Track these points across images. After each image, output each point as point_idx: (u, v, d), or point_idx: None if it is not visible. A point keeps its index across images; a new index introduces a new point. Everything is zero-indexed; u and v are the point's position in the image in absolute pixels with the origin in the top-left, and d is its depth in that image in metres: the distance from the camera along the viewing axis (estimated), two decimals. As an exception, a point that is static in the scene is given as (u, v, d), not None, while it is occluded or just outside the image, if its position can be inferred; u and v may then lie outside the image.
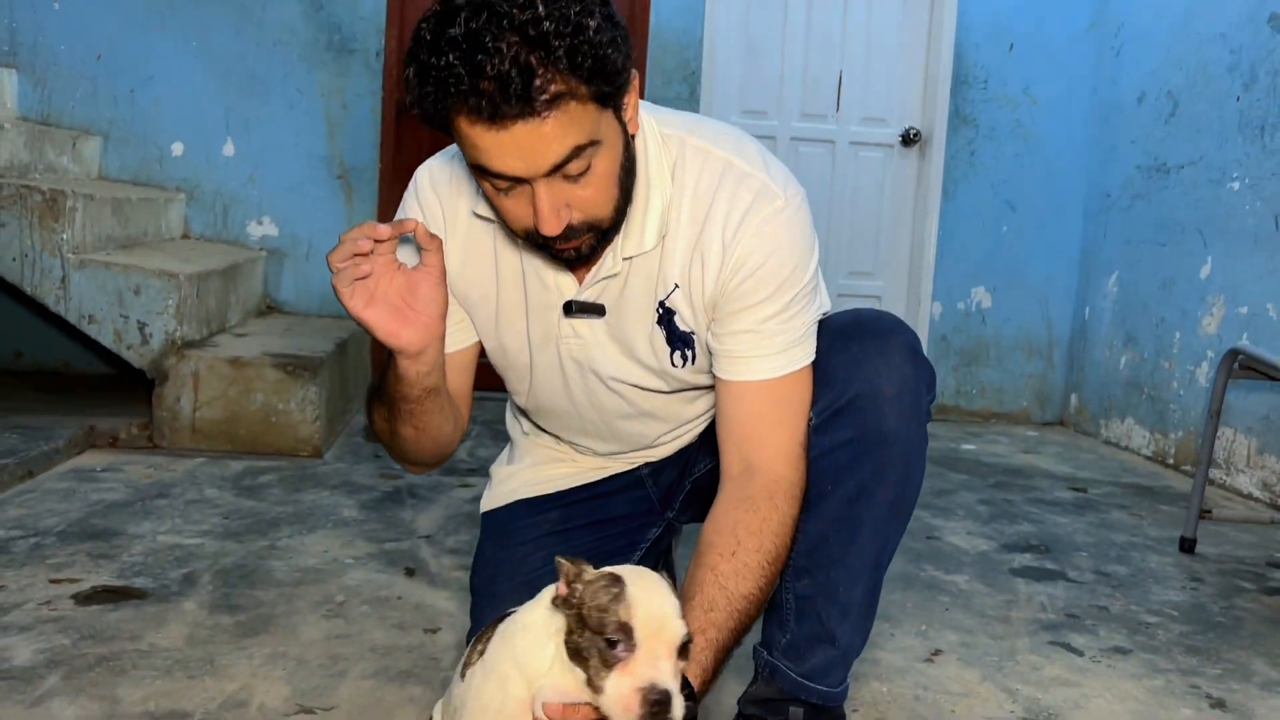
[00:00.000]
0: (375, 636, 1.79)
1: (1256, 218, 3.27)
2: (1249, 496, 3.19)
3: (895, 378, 1.25)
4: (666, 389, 1.37)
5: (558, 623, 1.02)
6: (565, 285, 1.30)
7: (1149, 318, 3.80)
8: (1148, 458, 3.75)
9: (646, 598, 0.98)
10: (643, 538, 1.54)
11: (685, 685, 1.03)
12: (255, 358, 2.99)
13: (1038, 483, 3.28)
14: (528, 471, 1.53)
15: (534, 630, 1.05)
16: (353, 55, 3.90)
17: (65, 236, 2.87)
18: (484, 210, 1.29)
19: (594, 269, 1.28)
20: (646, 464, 1.52)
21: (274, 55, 3.86)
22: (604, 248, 1.24)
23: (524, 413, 1.51)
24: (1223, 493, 3.26)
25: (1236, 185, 3.37)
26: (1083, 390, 4.23)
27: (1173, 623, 2.10)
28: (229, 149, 3.88)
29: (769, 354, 1.26)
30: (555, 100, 1.04)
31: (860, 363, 1.26)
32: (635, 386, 1.37)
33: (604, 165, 1.13)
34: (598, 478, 1.52)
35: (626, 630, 0.96)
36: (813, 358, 1.29)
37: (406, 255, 1.28)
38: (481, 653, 1.10)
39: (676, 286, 1.28)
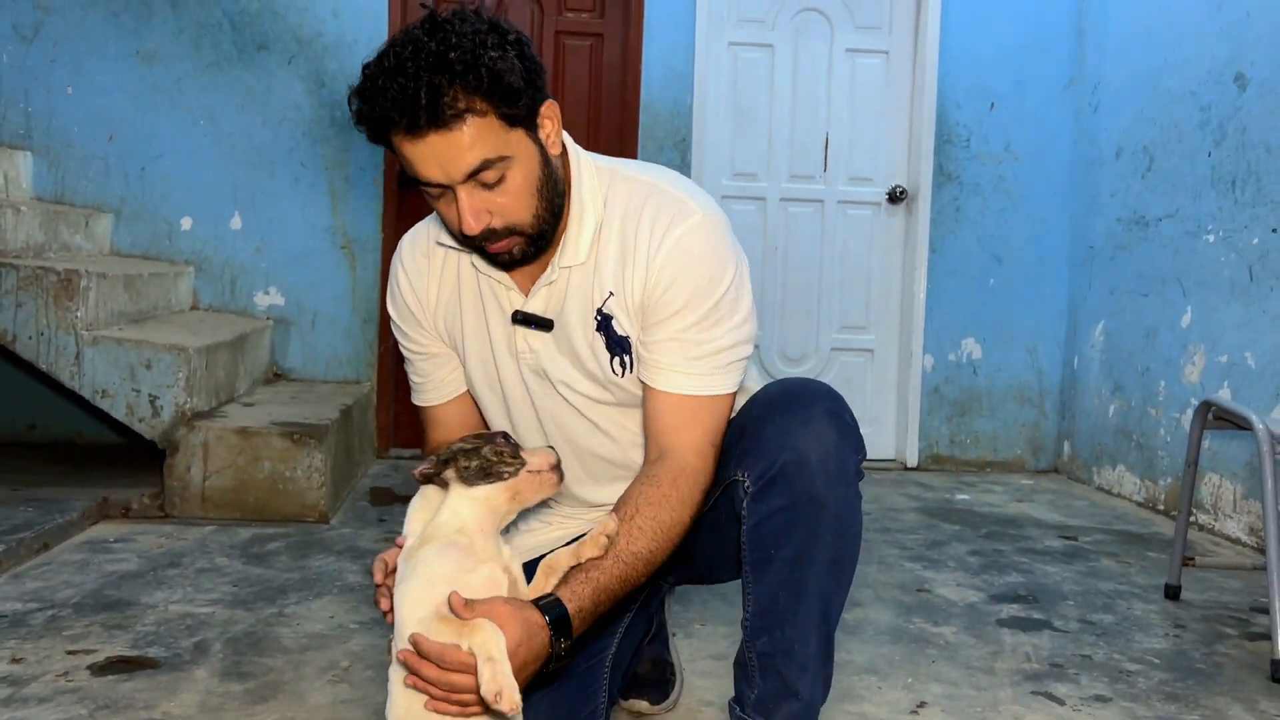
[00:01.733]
0: (379, 700, 1.85)
1: (1232, 269, 3.36)
2: (1237, 541, 3.25)
3: (819, 444, 1.37)
4: (612, 399, 1.52)
5: (459, 507, 1.30)
6: (515, 299, 1.50)
7: (1134, 367, 3.89)
8: (1139, 504, 3.81)
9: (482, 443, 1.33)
10: (631, 600, 1.62)
11: (560, 610, 1.25)
12: (263, 427, 3.09)
13: (1029, 532, 3.35)
14: (526, 528, 1.63)
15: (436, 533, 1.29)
16: (355, 130, 4.02)
17: (79, 314, 2.98)
18: (445, 238, 1.50)
19: (538, 280, 1.47)
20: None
21: (279, 131, 4.01)
22: (538, 256, 1.43)
23: None
24: (1211, 538, 3.32)
25: (1212, 238, 3.47)
26: (1074, 438, 4.31)
27: (1154, 670, 2.16)
28: (236, 222, 4.01)
29: (692, 371, 1.43)
30: (461, 115, 1.26)
31: (787, 432, 1.38)
32: (584, 396, 1.52)
33: (519, 177, 1.34)
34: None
35: (502, 434, 1.35)
36: (735, 390, 1.46)
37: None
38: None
39: (611, 293, 1.46)
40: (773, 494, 1.37)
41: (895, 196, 4.37)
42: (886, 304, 4.43)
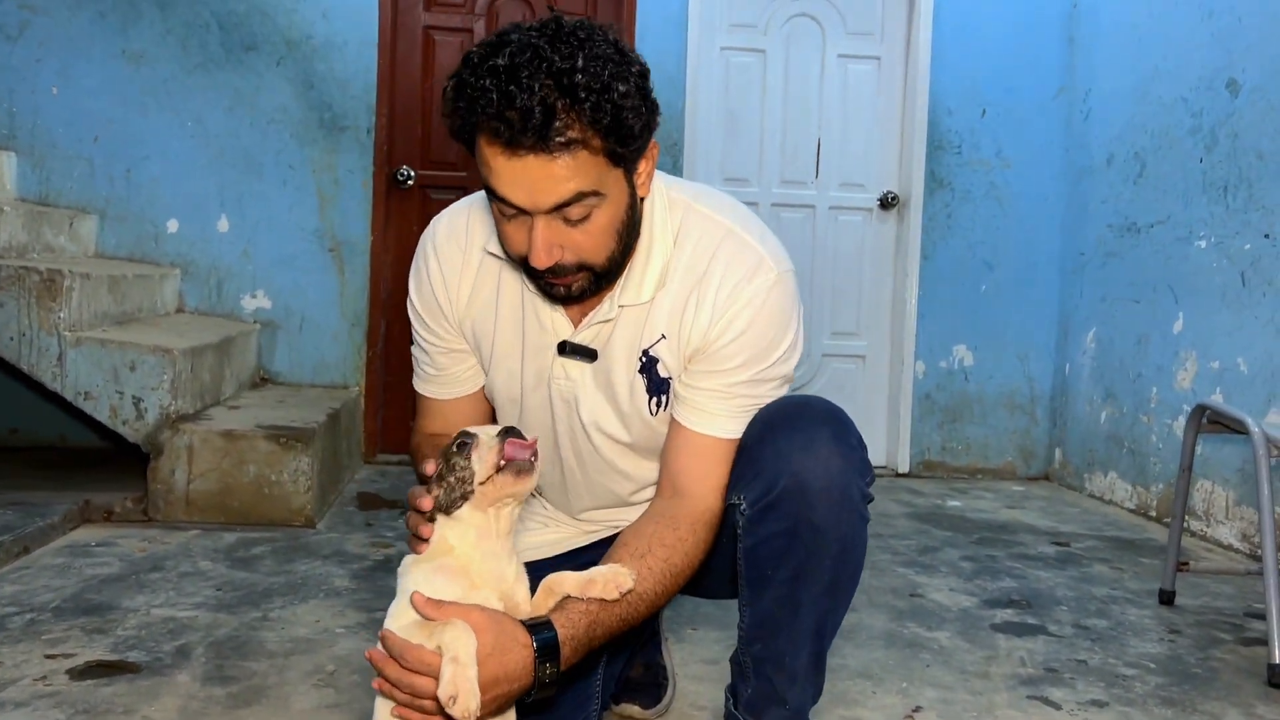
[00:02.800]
0: (365, 705, 1.82)
1: (1223, 275, 3.36)
2: (1229, 548, 3.24)
3: (821, 471, 1.31)
4: (630, 441, 1.46)
5: (451, 532, 1.26)
6: (561, 326, 1.41)
7: (1126, 373, 3.88)
8: (1131, 511, 3.80)
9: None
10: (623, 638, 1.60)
11: (550, 634, 1.20)
12: (248, 430, 3.05)
13: (1021, 538, 3.33)
14: (525, 538, 1.59)
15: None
16: (344, 132, 4.01)
17: (62, 315, 2.94)
18: (495, 247, 1.40)
19: (591, 313, 1.39)
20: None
21: (267, 133, 3.97)
22: (597, 293, 1.34)
23: None
24: (1204, 544, 3.31)
25: (1203, 243, 3.47)
26: (1066, 445, 4.29)
27: (1150, 675, 2.13)
28: (223, 225, 3.97)
29: (725, 416, 1.37)
30: (569, 144, 1.16)
31: (787, 457, 1.32)
32: (607, 435, 1.45)
33: (605, 217, 1.25)
34: (580, 544, 1.58)
35: (459, 442, 1.26)
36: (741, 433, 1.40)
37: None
38: None
39: (663, 337, 1.38)
40: (770, 519, 1.33)
41: (887, 202, 4.36)
42: (878, 310, 4.42)
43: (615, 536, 1.57)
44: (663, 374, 1.40)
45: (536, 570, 1.55)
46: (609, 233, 1.26)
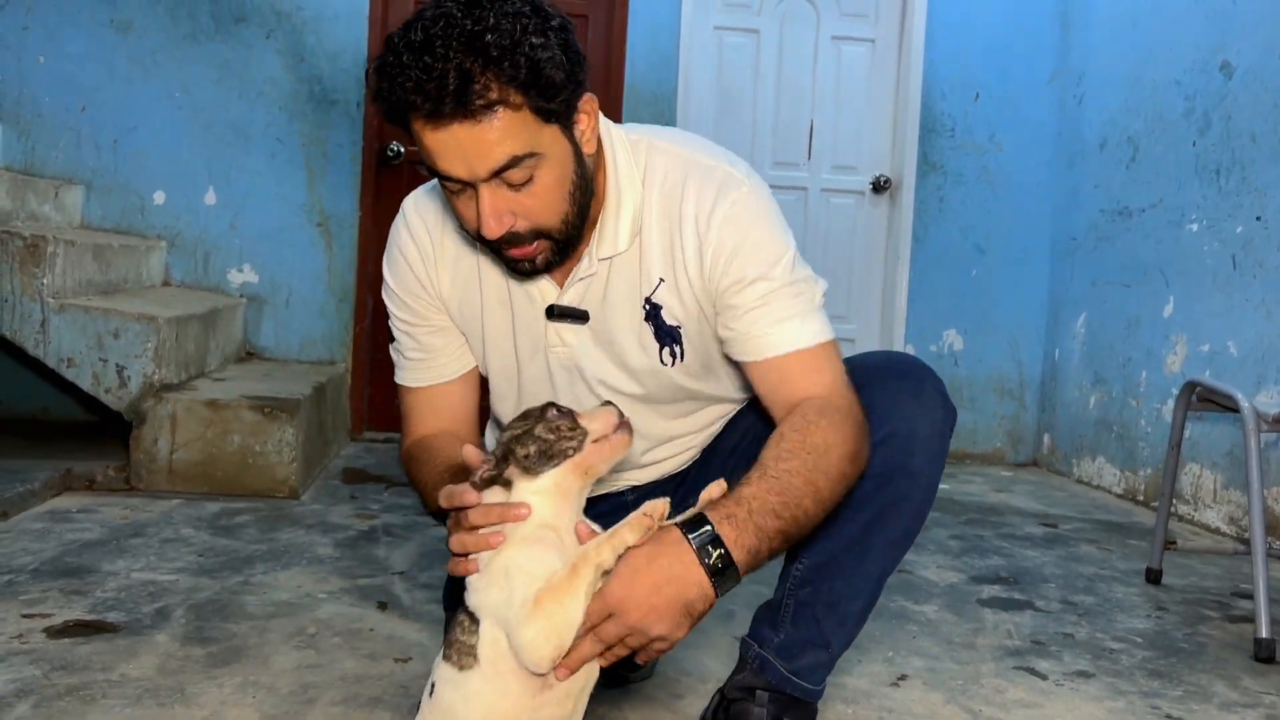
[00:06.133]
0: (346, 666, 1.80)
1: (1214, 258, 3.35)
2: (1217, 531, 3.24)
3: (929, 419, 1.33)
4: (642, 393, 1.42)
5: (536, 499, 1.19)
6: (548, 292, 1.38)
7: (1116, 357, 3.87)
8: (1119, 495, 3.80)
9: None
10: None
11: (707, 530, 1.15)
12: (233, 400, 3.02)
13: (1009, 519, 3.32)
14: None
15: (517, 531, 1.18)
16: (333, 106, 3.98)
17: (45, 281, 2.91)
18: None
19: (572, 272, 1.35)
20: (632, 488, 1.56)
21: (256, 106, 3.94)
22: (563, 261, 1.31)
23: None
24: (1191, 528, 3.31)
25: (1195, 227, 3.46)
26: (1054, 430, 4.29)
27: (1136, 648, 2.13)
28: (210, 198, 3.93)
29: (783, 325, 1.30)
30: (491, 106, 1.14)
31: (898, 402, 1.33)
32: (618, 391, 1.42)
33: (550, 177, 1.21)
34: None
35: (548, 403, 1.22)
36: (833, 336, 1.34)
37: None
38: (463, 640, 1.19)
39: (661, 280, 1.35)
40: (873, 458, 1.30)
41: (879, 186, 4.34)
42: (868, 294, 4.41)
43: (616, 495, 1.55)
44: (670, 321, 1.36)
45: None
46: (557, 193, 1.23)
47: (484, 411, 1.58)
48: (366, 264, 3.99)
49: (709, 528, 1.15)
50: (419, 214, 1.44)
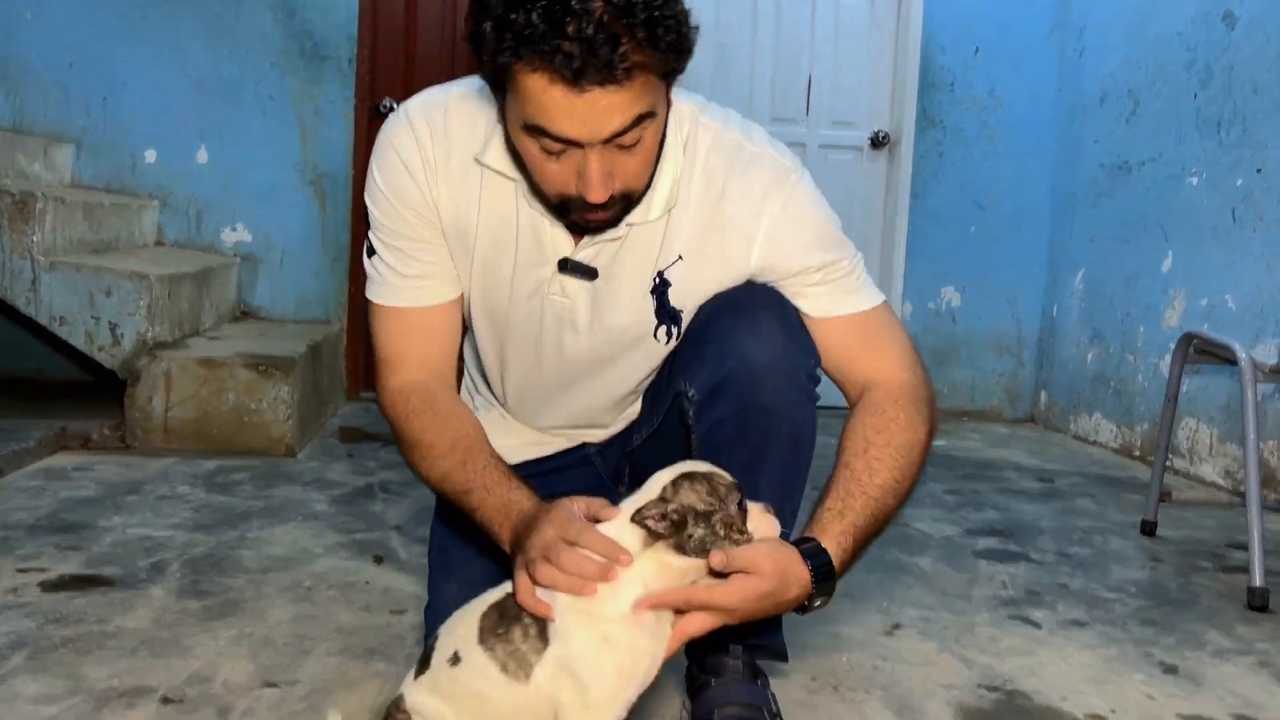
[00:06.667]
0: (342, 618, 1.81)
1: (1214, 211, 3.33)
2: (1212, 485, 3.24)
3: (768, 351, 1.28)
4: (631, 363, 1.40)
5: (648, 570, 1.09)
6: (561, 243, 1.32)
7: (1114, 313, 3.86)
8: (1114, 450, 3.80)
9: (712, 468, 1.14)
10: None
11: (825, 562, 1.16)
12: (228, 358, 3.01)
13: (1005, 474, 3.33)
14: None
15: (621, 597, 1.08)
16: (325, 62, 3.93)
17: (35, 239, 2.89)
18: (492, 160, 1.28)
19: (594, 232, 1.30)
20: (588, 444, 1.55)
21: (247, 63, 3.89)
22: (620, 220, 1.26)
23: (485, 380, 1.53)
24: (1186, 482, 3.31)
25: (1195, 180, 3.43)
26: (1051, 387, 4.29)
27: (1130, 598, 2.13)
28: (202, 156, 3.90)
29: (848, 292, 1.34)
30: (632, 71, 1.06)
31: (733, 339, 1.29)
32: (600, 354, 1.40)
33: (652, 139, 1.17)
34: (545, 453, 1.54)
35: (738, 488, 1.13)
36: (882, 299, 1.38)
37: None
38: (521, 650, 1.10)
39: (680, 258, 1.32)
40: (720, 403, 1.30)
41: (878, 141, 4.30)
42: (867, 251, 4.28)
43: (576, 450, 1.54)
44: (674, 304, 1.34)
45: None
46: (652, 153, 1.19)
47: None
48: (360, 222, 3.96)
49: (825, 560, 1.17)
50: (425, 119, 1.32)
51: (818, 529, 1.21)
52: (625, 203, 1.22)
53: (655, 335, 1.37)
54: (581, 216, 1.22)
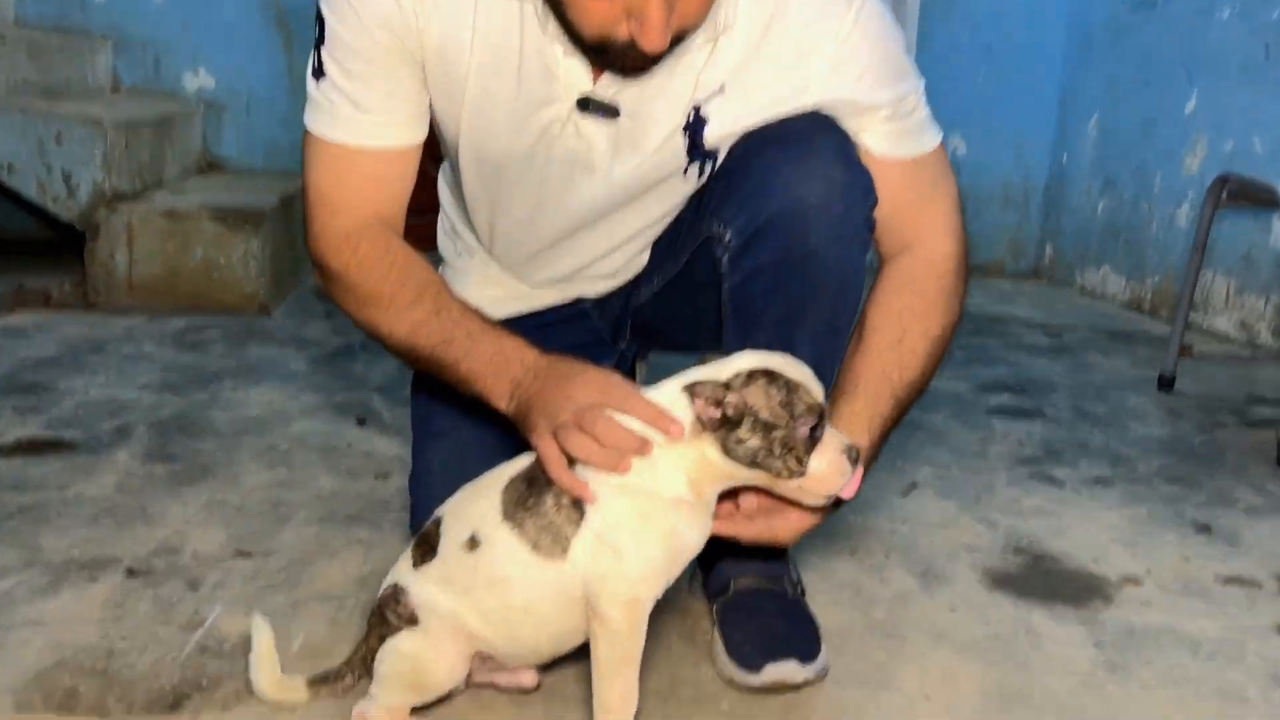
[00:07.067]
0: (321, 483, 1.69)
1: (1245, 48, 3.11)
2: (1227, 337, 3.13)
3: (822, 189, 1.10)
4: (643, 204, 1.23)
5: (690, 456, 0.95)
6: (578, 76, 1.11)
7: (1129, 160, 3.67)
8: (1123, 305, 3.67)
9: (805, 375, 0.97)
10: None
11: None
12: (193, 210, 2.82)
13: (1013, 329, 3.20)
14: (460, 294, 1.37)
15: (660, 477, 0.96)
16: (285, -114, 3.60)
17: (-25, 80, 2.65)
18: None
19: None
20: (584, 300, 1.39)
21: (200, -114, 3.55)
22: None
23: (468, 222, 1.37)
24: (1200, 336, 3.19)
25: (1226, 13, 3.20)
26: (1059, 239, 4.13)
27: (1153, 455, 2.03)
28: (156, -8, 3.60)
29: (911, 133, 1.18)
30: None
31: (779, 171, 1.11)
32: (616, 197, 1.21)
33: None
34: (536, 308, 1.38)
35: (821, 412, 0.95)
36: (941, 136, 1.23)
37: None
38: (555, 523, 0.97)
39: (722, 89, 1.12)
40: (761, 248, 1.13)
41: (883, -24, 4.01)
42: (869, 96, 4.14)
43: (571, 305, 1.38)
44: (708, 144, 1.15)
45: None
46: None
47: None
48: (332, 66, 3.69)
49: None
50: None
51: (845, 430, 1.05)
52: (676, 42, 1.03)
53: (685, 172, 1.19)
54: (623, 61, 1.03)
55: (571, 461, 0.97)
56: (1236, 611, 1.39)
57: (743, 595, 1.20)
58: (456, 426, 1.30)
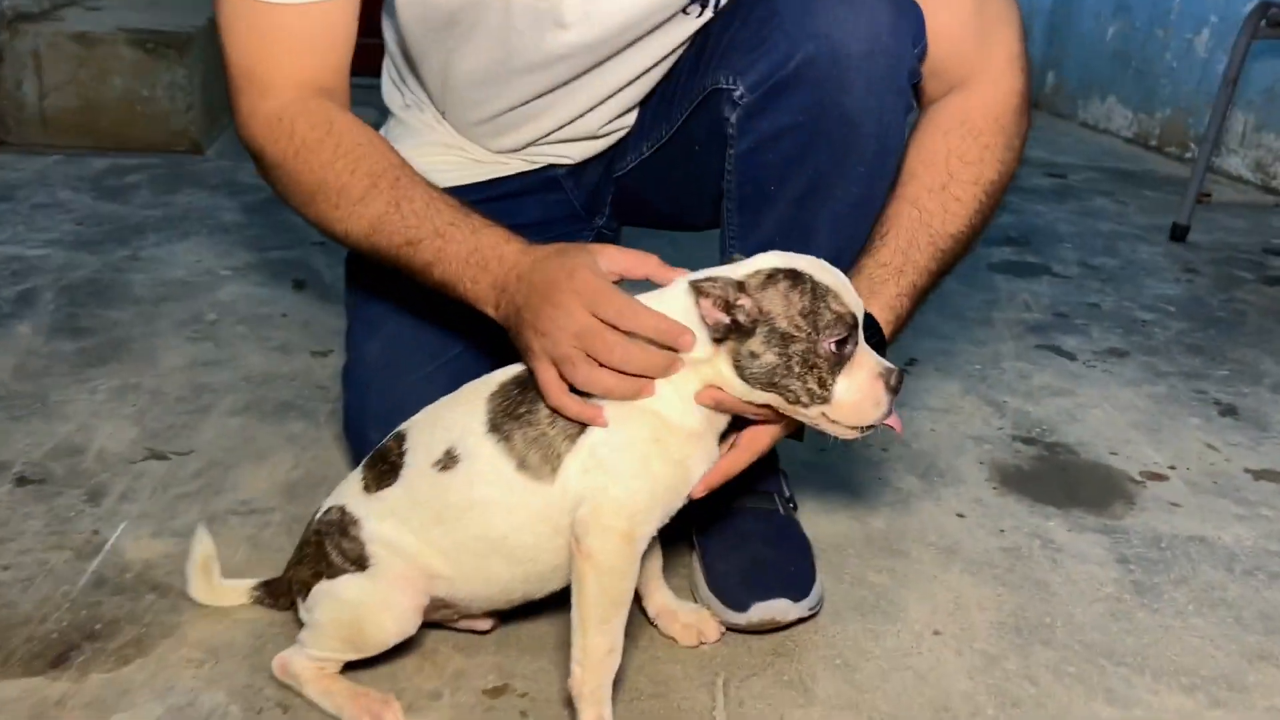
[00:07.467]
0: (251, 362, 1.50)
1: None
2: (1239, 179, 2.93)
3: (862, 29, 0.89)
4: (645, 51, 1.01)
5: (700, 375, 0.80)
6: None
7: (1146, -20, 3.36)
8: (1128, 140, 3.44)
9: (837, 281, 0.80)
10: None
11: (873, 340, 0.84)
12: (108, 33, 2.50)
13: (1012, 169, 2.98)
14: (407, 153, 1.15)
15: (673, 399, 0.81)
16: None
17: None
18: None
19: None
20: (557, 165, 1.17)
21: None
22: None
23: (412, 71, 1.13)
24: (1210, 176, 2.99)
25: None
26: (1062, 67, 3.85)
27: (1170, 319, 1.87)
28: None
29: None
30: None
31: (808, 8, 0.90)
32: (596, 54, 1.01)
33: None
34: (499, 174, 1.16)
35: (853, 325, 0.78)
36: None
37: None
38: (548, 435, 0.81)
39: None
40: (782, 105, 0.92)
41: None
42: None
43: (540, 171, 1.16)
44: None
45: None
46: None
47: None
48: None
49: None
50: None
51: (868, 288, 0.89)
52: None
53: (685, 10, 0.98)
54: None
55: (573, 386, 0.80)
56: (1272, 514, 1.25)
57: (728, 517, 1.04)
58: (394, 317, 1.10)
